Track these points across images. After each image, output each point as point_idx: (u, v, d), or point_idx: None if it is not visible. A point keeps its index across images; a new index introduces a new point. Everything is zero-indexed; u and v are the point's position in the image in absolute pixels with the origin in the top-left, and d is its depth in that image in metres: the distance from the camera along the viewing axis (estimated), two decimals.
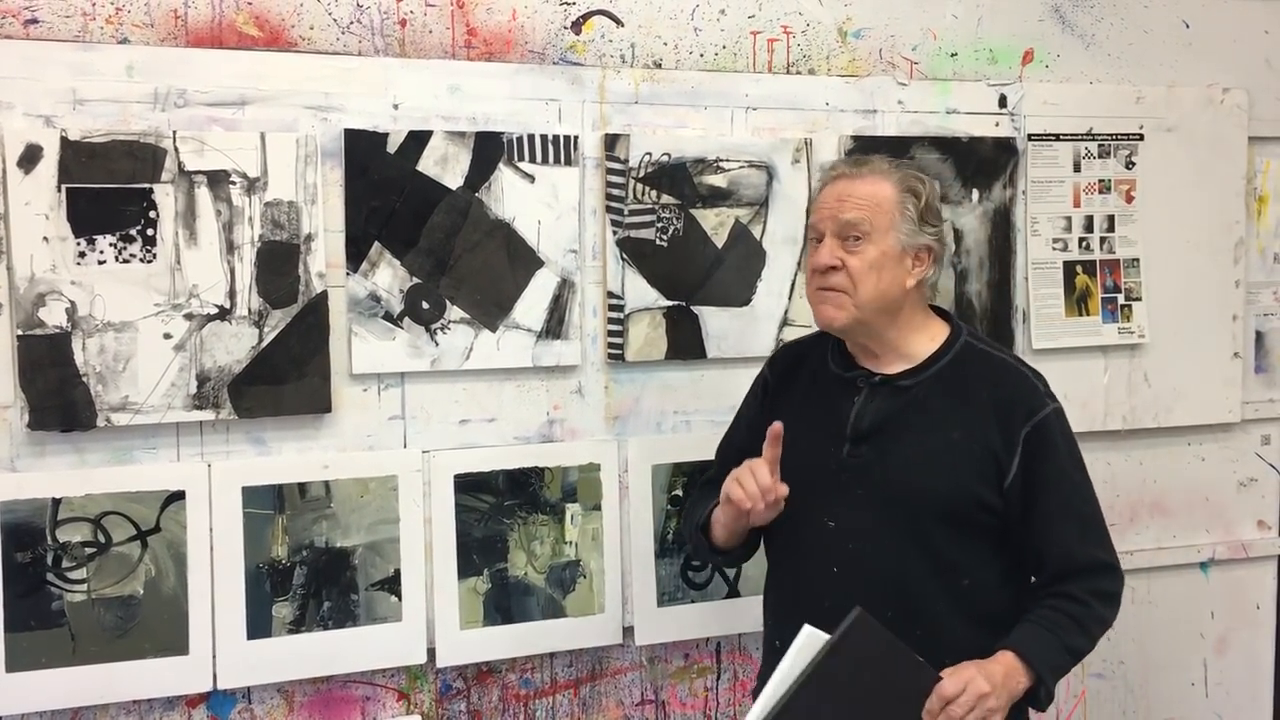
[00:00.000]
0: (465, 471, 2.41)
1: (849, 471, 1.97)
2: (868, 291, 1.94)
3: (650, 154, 2.50)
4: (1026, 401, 1.95)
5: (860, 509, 1.96)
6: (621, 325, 2.50)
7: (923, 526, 1.93)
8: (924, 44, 2.76)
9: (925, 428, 1.95)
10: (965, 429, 1.94)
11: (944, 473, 1.93)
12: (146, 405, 2.19)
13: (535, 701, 2.51)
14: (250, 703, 2.32)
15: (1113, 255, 2.89)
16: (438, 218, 2.36)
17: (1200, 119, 2.96)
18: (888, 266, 1.95)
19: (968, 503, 1.93)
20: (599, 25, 2.51)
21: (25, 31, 2.14)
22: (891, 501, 1.94)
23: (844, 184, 1.98)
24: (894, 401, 1.98)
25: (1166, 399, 2.96)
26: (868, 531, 1.95)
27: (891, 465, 1.95)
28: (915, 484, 1.93)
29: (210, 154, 2.21)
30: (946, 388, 1.97)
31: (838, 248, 1.95)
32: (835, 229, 1.96)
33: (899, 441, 1.96)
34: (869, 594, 1.86)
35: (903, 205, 1.96)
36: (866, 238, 1.94)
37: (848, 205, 1.96)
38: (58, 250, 2.13)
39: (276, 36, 2.29)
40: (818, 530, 1.99)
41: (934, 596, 1.93)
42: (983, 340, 2.07)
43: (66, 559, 2.16)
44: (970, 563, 1.95)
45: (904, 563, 1.93)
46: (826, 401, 2.04)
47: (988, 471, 1.93)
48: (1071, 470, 1.97)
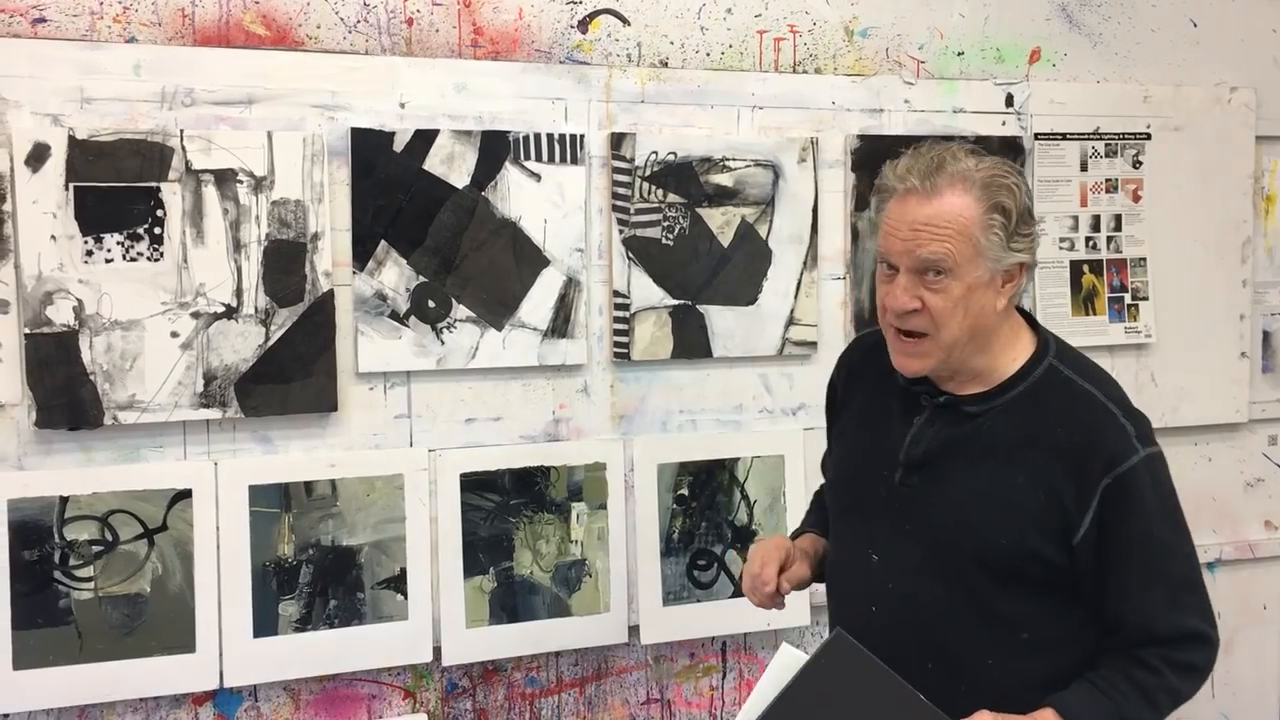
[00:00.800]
0: (471, 470, 2.41)
1: (898, 502, 1.75)
2: (952, 333, 1.67)
3: (656, 153, 2.50)
4: (1110, 447, 1.66)
5: (905, 546, 1.73)
6: (627, 324, 2.50)
7: (970, 575, 1.69)
8: (930, 43, 2.75)
9: (985, 465, 1.70)
10: (1031, 472, 1.67)
11: (999, 519, 1.68)
12: (153, 404, 2.19)
13: (541, 700, 2.51)
14: (256, 701, 2.32)
15: (1120, 254, 2.89)
16: (444, 216, 2.36)
17: (1208, 118, 2.95)
18: (974, 298, 1.66)
19: (1022, 558, 1.66)
20: (605, 24, 2.51)
21: (33, 30, 2.15)
22: (937, 542, 1.71)
23: (917, 205, 1.65)
24: (956, 430, 1.73)
25: (1173, 399, 2.95)
26: (911, 573, 1.72)
27: (943, 502, 1.71)
28: (965, 527, 1.69)
29: (217, 153, 2.21)
30: (1018, 420, 1.71)
31: (916, 285, 1.66)
32: (911, 264, 1.66)
33: (953, 476, 1.71)
34: (906, 641, 1.69)
35: (989, 225, 1.64)
36: (949, 273, 1.64)
37: (925, 236, 1.64)
38: (65, 249, 2.13)
39: (283, 35, 2.30)
40: (861, 562, 1.78)
41: (983, 652, 1.69)
42: (1071, 362, 1.77)
43: (74, 557, 2.17)
44: (1031, 616, 1.69)
45: (949, 612, 1.70)
46: (887, 415, 1.81)
47: (1050, 524, 1.66)
48: (1161, 528, 1.68)
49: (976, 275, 1.65)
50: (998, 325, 1.72)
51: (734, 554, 2.57)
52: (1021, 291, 1.76)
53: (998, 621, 1.68)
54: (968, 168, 1.67)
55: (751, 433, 2.61)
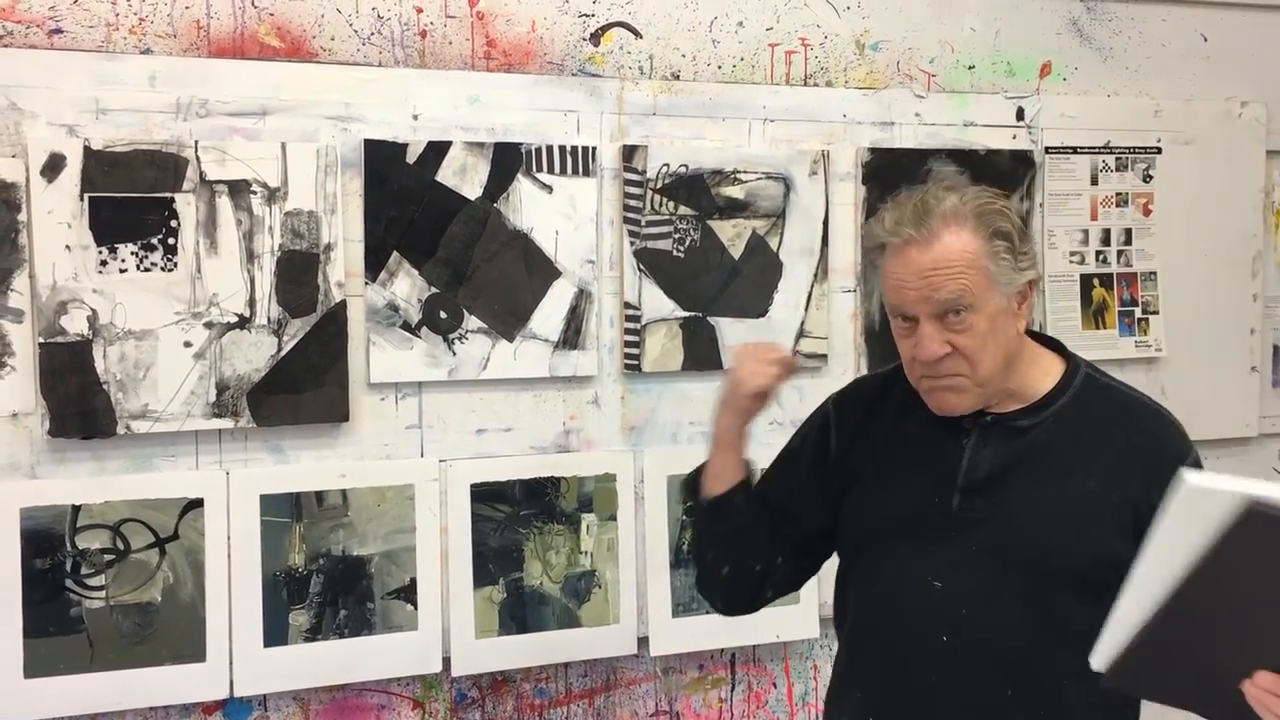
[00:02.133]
0: (481, 481, 2.41)
1: (961, 527, 1.69)
2: (987, 367, 1.65)
3: (668, 165, 2.51)
4: (1175, 445, 1.69)
5: (976, 570, 1.67)
6: (638, 336, 2.50)
7: (1050, 591, 1.65)
8: (941, 56, 2.76)
9: (1052, 476, 1.68)
10: (1100, 477, 1.66)
11: (1077, 529, 1.65)
12: (166, 413, 2.20)
13: (550, 711, 2.51)
14: (266, 710, 2.33)
15: (1130, 268, 2.89)
16: (456, 228, 2.37)
17: (1218, 132, 2.95)
18: (1000, 327, 1.65)
19: (1105, 564, 1.60)
20: (617, 37, 2.52)
21: (49, 41, 2.16)
22: (1012, 561, 1.66)
23: (918, 254, 1.62)
24: (1012, 446, 1.69)
25: (1183, 412, 2.86)
26: (984, 595, 1.67)
27: (1014, 520, 1.67)
28: (1043, 542, 1.65)
29: (231, 164, 2.22)
30: (1073, 429, 1.69)
31: (940, 331, 1.63)
32: (931, 310, 1.63)
33: (1022, 493, 1.68)
34: (984, 668, 1.65)
35: (995, 254, 1.63)
36: (970, 309, 1.62)
37: (939, 279, 1.61)
38: (80, 259, 2.14)
39: (298, 47, 2.31)
40: (922, 592, 1.70)
41: (1062, 673, 1.65)
42: (1103, 374, 1.79)
43: (85, 566, 2.18)
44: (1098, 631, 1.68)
45: (1028, 633, 1.65)
46: (927, 444, 1.75)
47: (1127, 527, 1.63)
48: None
49: (996, 304, 1.64)
50: (1021, 346, 1.72)
51: None
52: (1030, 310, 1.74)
53: (1072, 638, 1.61)
54: (955, 204, 1.65)
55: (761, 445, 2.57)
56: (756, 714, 2.66)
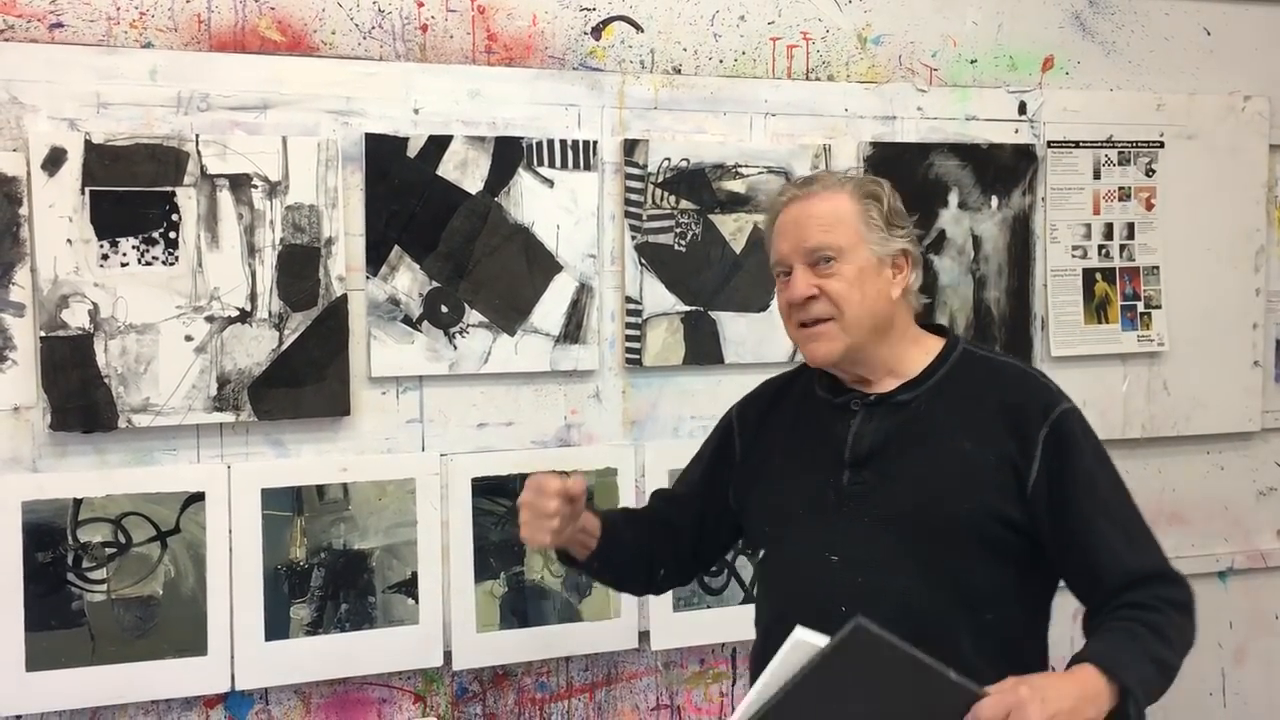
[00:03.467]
0: (483, 475, 2.41)
1: (852, 500, 1.77)
2: (854, 311, 1.75)
3: (669, 159, 2.50)
4: (1040, 399, 1.76)
5: (867, 538, 1.75)
6: (639, 330, 2.50)
7: (939, 551, 1.72)
8: (944, 50, 2.76)
9: (932, 443, 1.76)
10: (976, 439, 1.75)
11: (958, 488, 1.73)
12: (167, 407, 2.20)
13: (551, 705, 2.52)
14: (268, 704, 2.33)
15: (1132, 263, 2.89)
16: (457, 222, 2.37)
17: (1221, 126, 2.95)
18: (868, 281, 1.77)
19: (988, 519, 1.71)
20: (619, 31, 2.52)
21: (50, 35, 2.16)
22: (902, 526, 1.73)
23: (798, 207, 1.79)
24: (894, 419, 1.79)
25: (1186, 407, 2.95)
26: (877, 562, 1.74)
27: (899, 487, 1.75)
28: (926, 504, 1.73)
29: (232, 157, 2.22)
30: (950, 398, 1.79)
31: (811, 276, 1.76)
32: (803, 257, 1.77)
33: (905, 460, 1.76)
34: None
35: (866, 214, 1.78)
36: (840, 256, 1.75)
37: (810, 228, 1.77)
38: (81, 253, 2.14)
39: (298, 41, 2.31)
40: (821, 566, 1.77)
41: (956, 631, 1.70)
42: (981, 347, 1.90)
43: (87, 559, 2.18)
44: (993, 593, 1.73)
45: (921, 594, 1.71)
46: (817, 429, 1.85)
47: (1006, 482, 1.72)
48: (1102, 471, 1.75)
49: (865, 259, 1.76)
50: (897, 317, 1.81)
51: (744, 560, 2.57)
52: (916, 287, 1.84)
53: (967, 600, 1.72)
54: (838, 177, 1.84)
55: None
56: None
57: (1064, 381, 2.00)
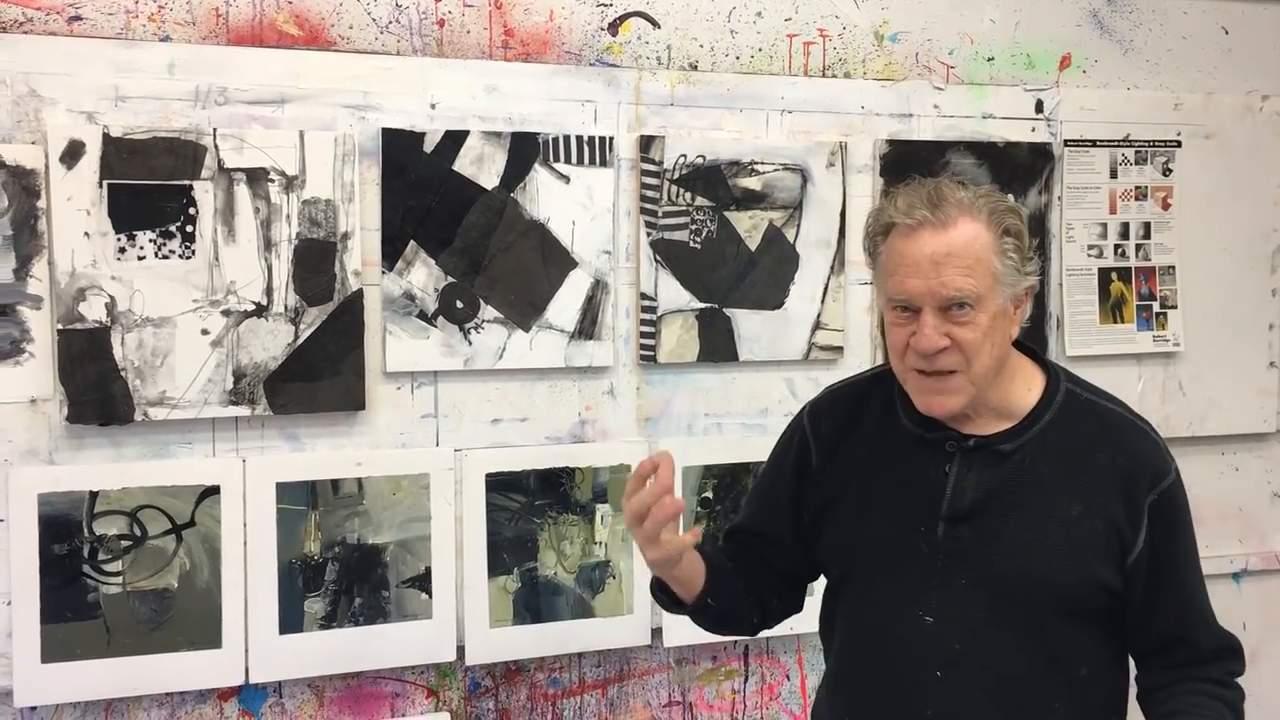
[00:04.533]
0: (497, 471, 2.41)
1: (947, 557, 1.66)
2: (983, 365, 1.61)
3: (685, 156, 2.50)
4: (1151, 464, 1.67)
5: (965, 602, 1.65)
6: (654, 327, 2.50)
7: (1038, 620, 1.64)
8: (960, 48, 2.75)
9: (1036, 503, 1.65)
10: (1084, 501, 1.65)
11: (1061, 556, 1.64)
12: (183, 400, 2.20)
13: (563, 701, 2.52)
14: (281, 697, 2.33)
15: (1148, 262, 2.87)
16: (473, 217, 2.37)
17: (1239, 126, 2.93)
18: (998, 328, 1.62)
19: (1092, 589, 1.65)
20: (636, 27, 2.51)
21: (69, 28, 2.17)
22: (1002, 591, 1.64)
23: (933, 238, 1.58)
24: (997, 471, 1.66)
25: (1201, 408, 2.94)
26: (975, 628, 1.65)
27: (1003, 550, 1.64)
28: (1029, 571, 1.64)
29: (249, 152, 2.22)
30: (1056, 451, 1.67)
31: (943, 323, 1.59)
32: (938, 302, 1.59)
33: (1008, 521, 1.65)
34: (979, 700, 1.64)
35: (1003, 252, 1.61)
36: (977, 304, 1.59)
37: (948, 270, 1.57)
38: (98, 246, 2.15)
39: (316, 35, 2.31)
40: (913, 626, 1.67)
41: (1050, 694, 1.66)
42: (1083, 385, 1.76)
43: (103, 552, 2.19)
44: (1086, 651, 1.68)
45: (1019, 663, 1.65)
46: (907, 468, 1.71)
47: (1111, 550, 1.65)
48: (1193, 543, 1.71)
49: (999, 304, 1.62)
50: (1010, 354, 1.70)
51: None
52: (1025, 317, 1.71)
53: (1062, 661, 1.66)
54: (969, 197, 1.63)
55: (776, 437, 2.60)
56: (769, 706, 2.66)
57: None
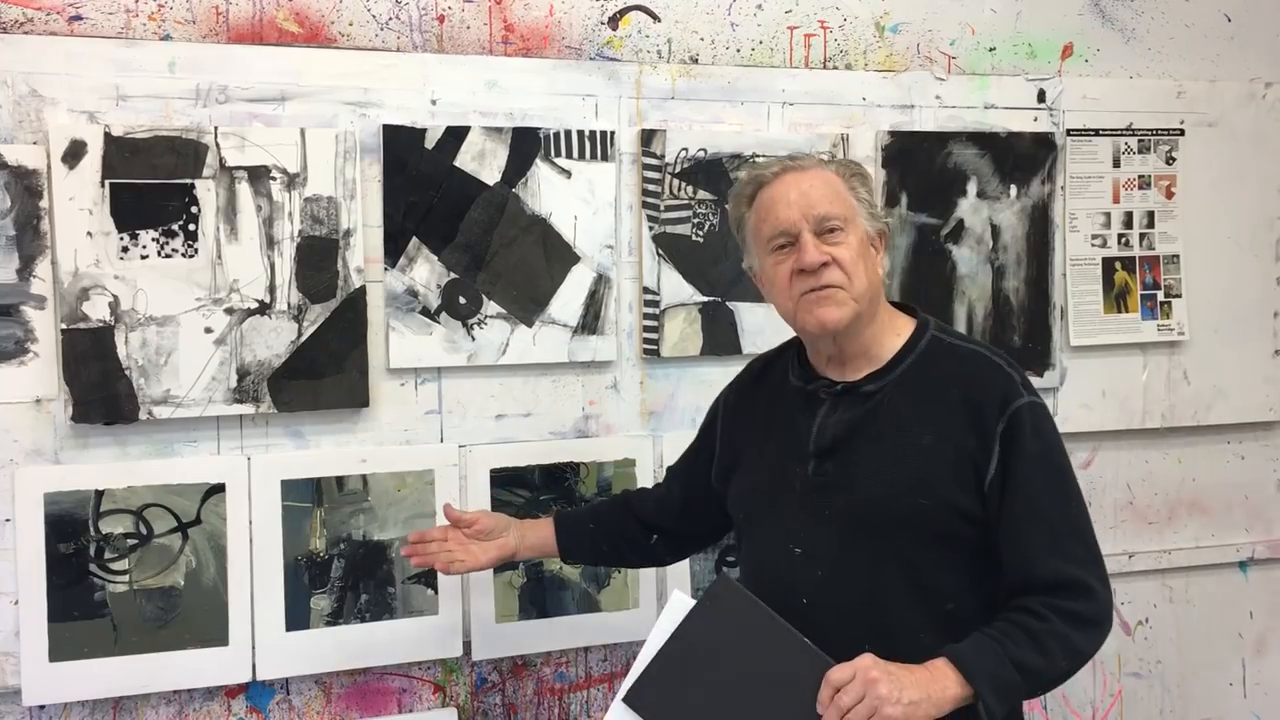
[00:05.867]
0: (501, 466, 2.42)
1: (814, 492, 1.78)
2: (861, 283, 1.75)
3: (686, 150, 2.50)
4: (1001, 393, 1.73)
5: (828, 531, 1.76)
6: (657, 321, 2.50)
7: (897, 545, 1.72)
8: (962, 38, 2.74)
9: (893, 436, 1.75)
10: (936, 432, 1.73)
11: (914, 483, 1.72)
12: (188, 399, 2.21)
13: (569, 695, 2.52)
14: (288, 694, 2.34)
15: (1152, 251, 2.87)
16: (475, 213, 2.37)
17: (1242, 114, 2.92)
18: (866, 255, 1.78)
19: (945, 513, 1.71)
20: (636, 21, 2.51)
21: (69, 28, 2.17)
22: (860, 520, 1.74)
23: (795, 179, 1.79)
24: (858, 410, 1.78)
25: (1206, 397, 2.93)
26: (836, 556, 1.74)
27: (857, 480, 1.75)
28: (884, 499, 1.73)
29: (251, 149, 2.23)
30: (914, 389, 1.77)
31: (821, 243, 1.75)
32: (813, 225, 1.75)
33: (865, 454, 1.76)
34: (843, 626, 1.69)
35: (854, 190, 1.81)
36: (844, 228, 1.76)
37: (816, 197, 1.76)
38: (101, 245, 2.15)
39: (316, 33, 2.31)
40: (784, 558, 1.79)
41: (916, 626, 1.71)
42: (951, 333, 1.87)
43: (109, 550, 2.19)
44: (952, 585, 1.73)
45: (880, 589, 1.72)
46: (787, 417, 1.86)
47: (964, 476, 1.71)
48: (1044, 469, 1.71)
49: (862, 232, 1.79)
50: (880, 292, 1.82)
51: None
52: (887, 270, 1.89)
53: (925, 594, 1.72)
54: (817, 157, 1.92)
55: None
56: None
57: (1084, 371, 2.00)
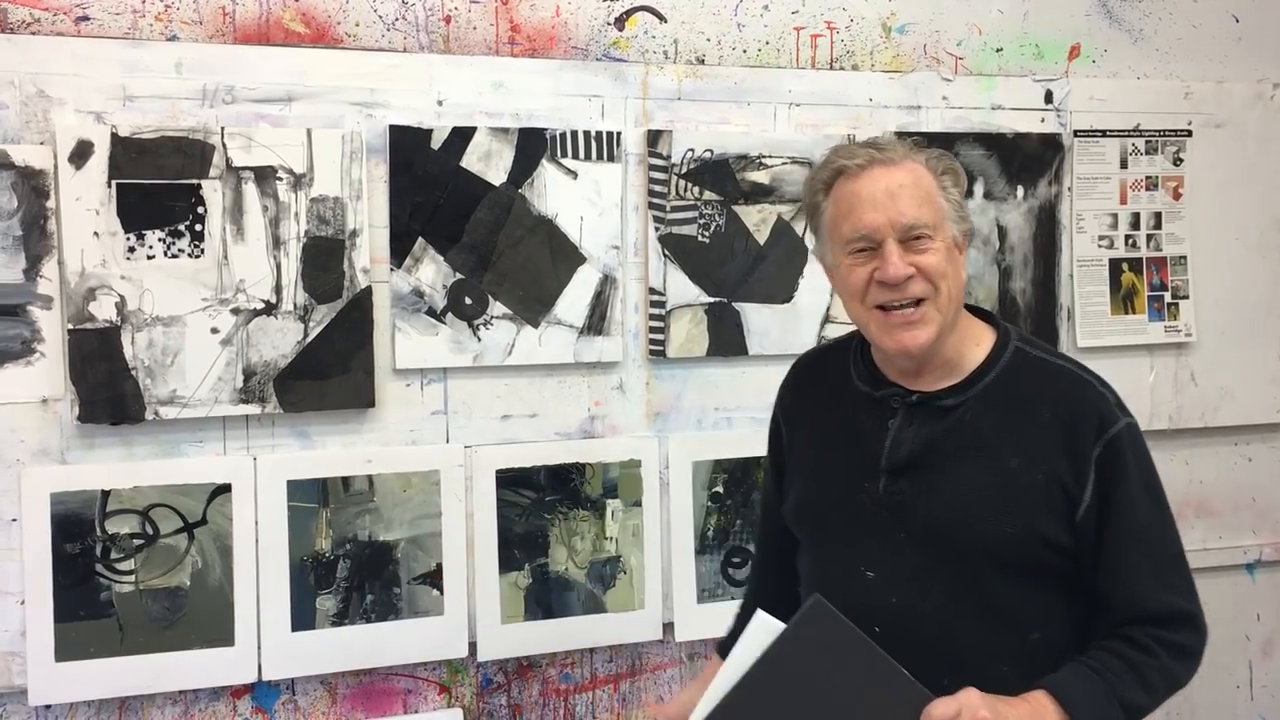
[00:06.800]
0: (507, 467, 2.42)
1: (887, 510, 1.65)
2: (948, 293, 1.61)
3: (693, 150, 2.50)
4: (1096, 415, 1.62)
5: (903, 556, 1.64)
6: (663, 321, 2.50)
7: (978, 575, 1.60)
8: (969, 39, 2.74)
9: (974, 456, 1.63)
10: (1024, 454, 1.61)
11: (999, 508, 1.60)
12: (194, 399, 2.21)
13: (575, 696, 2.52)
14: (294, 694, 2.34)
15: (1160, 253, 2.86)
16: (481, 214, 2.37)
17: (1250, 115, 2.92)
18: (954, 263, 1.62)
19: (1031, 542, 1.60)
20: (642, 21, 2.51)
21: (76, 29, 2.17)
22: (939, 546, 1.61)
23: (883, 174, 1.61)
24: (937, 425, 1.65)
25: (1213, 398, 2.92)
26: (913, 582, 1.63)
27: (937, 503, 1.62)
28: (966, 526, 1.61)
29: (257, 150, 2.23)
30: (998, 406, 1.64)
31: (905, 252, 1.60)
32: (899, 232, 1.59)
33: (945, 474, 1.63)
34: (918, 657, 1.55)
35: (944, 190, 1.65)
36: (932, 234, 1.60)
37: (903, 200, 1.60)
38: (108, 245, 2.15)
39: (323, 33, 2.31)
40: (854, 581, 1.66)
41: (996, 658, 1.60)
42: (1035, 344, 1.73)
43: (115, 550, 2.19)
44: (1038, 615, 1.62)
45: (959, 618, 1.61)
46: (854, 425, 1.72)
47: (1055, 503, 1.60)
48: (1145, 500, 1.62)
49: (950, 237, 1.64)
50: (962, 302, 1.69)
51: None
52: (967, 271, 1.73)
53: (1007, 623, 1.61)
54: (908, 145, 1.67)
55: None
56: None
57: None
